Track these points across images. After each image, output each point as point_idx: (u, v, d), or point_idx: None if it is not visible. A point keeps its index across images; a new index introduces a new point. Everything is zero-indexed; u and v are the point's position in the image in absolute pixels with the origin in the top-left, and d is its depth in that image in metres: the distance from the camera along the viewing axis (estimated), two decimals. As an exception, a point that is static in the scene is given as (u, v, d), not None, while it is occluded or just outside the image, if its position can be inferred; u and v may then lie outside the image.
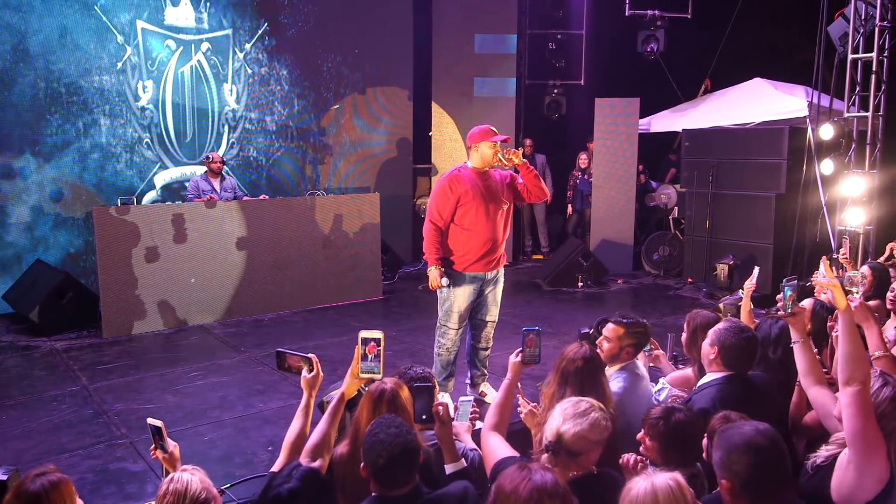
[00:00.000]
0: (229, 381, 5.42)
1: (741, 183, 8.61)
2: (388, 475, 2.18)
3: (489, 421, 2.80)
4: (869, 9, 7.65)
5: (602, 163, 9.92)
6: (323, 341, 6.57)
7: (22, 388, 5.35)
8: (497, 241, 4.62)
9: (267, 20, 9.10)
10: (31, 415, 4.79)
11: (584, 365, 2.94)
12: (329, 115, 9.80)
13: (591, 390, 2.84)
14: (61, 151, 7.77)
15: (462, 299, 4.63)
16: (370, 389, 2.71)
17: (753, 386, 3.09)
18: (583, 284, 8.86)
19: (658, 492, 1.90)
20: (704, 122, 9.64)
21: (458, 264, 4.59)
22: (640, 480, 1.97)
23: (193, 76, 8.63)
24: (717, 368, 3.09)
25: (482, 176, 4.58)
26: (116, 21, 7.98)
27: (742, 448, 1.98)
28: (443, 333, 4.72)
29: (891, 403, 2.37)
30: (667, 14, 10.13)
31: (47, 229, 7.76)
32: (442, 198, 4.54)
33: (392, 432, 2.20)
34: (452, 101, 10.32)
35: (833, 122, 7.97)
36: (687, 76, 11.08)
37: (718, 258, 8.48)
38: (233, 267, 7.24)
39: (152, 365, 5.88)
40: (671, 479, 1.96)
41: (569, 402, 2.46)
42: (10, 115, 7.44)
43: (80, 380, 5.47)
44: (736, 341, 3.02)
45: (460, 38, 10.21)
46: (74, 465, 4.02)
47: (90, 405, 4.94)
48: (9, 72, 7.37)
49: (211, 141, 8.84)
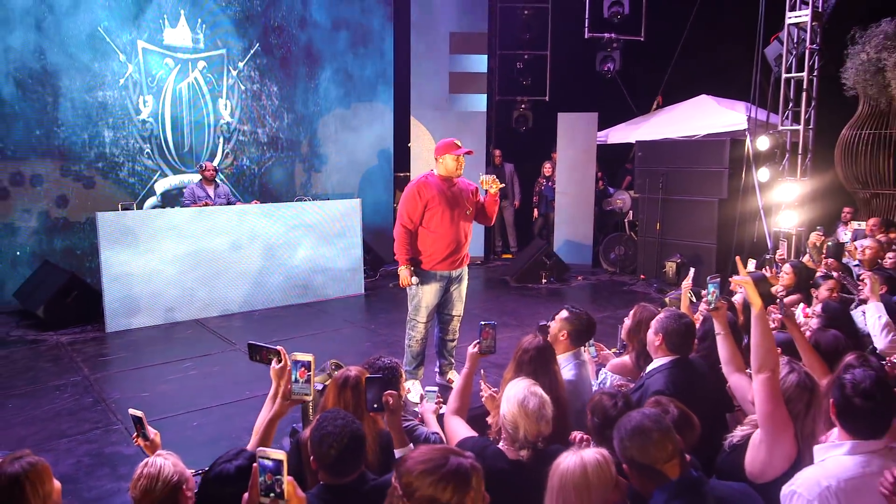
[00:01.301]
0: (219, 371, 5.39)
1: (688, 189, 8.67)
2: (336, 465, 2.12)
3: (451, 406, 2.80)
4: (800, 33, 7.76)
5: (564, 171, 9.98)
6: (308, 333, 6.56)
7: (27, 378, 5.29)
8: (461, 242, 4.62)
9: (258, 41, 9.04)
10: (35, 403, 4.74)
11: (537, 354, 2.93)
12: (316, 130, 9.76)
13: (544, 377, 2.84)
14: (68, 161, 7.68)
15: (430, 295, 4.63)
16: (336, 376, 2.70)
17: (696, 368, 3.12)
18: (546, 281, 8.89)
19: (587, 464, 1.91)
20: (656, 135, 9.69)
21: (425, 263, 4.60)
22: (569, 454, 1.96)
23: (190, 92, 8.56)
24: (663, 354, 3.10)
25: (448, 183, 4.59)
26: (119, 41, 7.90)
27: (631, 433, 1.97)
28: (412, 327, 4.71)
29: (797, 388, 2.39)
30: (622, 37, 10.18)
31: (55, 232, 7.67)
32: (411, 203, 4.54)
33: (339, 424, 2.15)
34: (429, 115, 10.29)
35: (769, 134, 8.07)
36: (641, 93, 11.15)
37: (667, 257, 8.56)
38: (226, 266, 7.16)
39: (149, 357, 5.82)
40: (598, 453, 1.96)
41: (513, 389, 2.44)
42: (21, 128, 7.36)
43: (82, 371, 5.41)
44: (677, 327, 3.05)
45: (436, 58, 10.18)
46: (72, 448, 3.99)
47: (90, 394, 4.90)
48: (21, 87, 7.28)
49: (207, 151, 8.75)
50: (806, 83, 7.70)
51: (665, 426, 1.99)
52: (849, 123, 9.29)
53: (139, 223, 6.63)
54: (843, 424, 2.08)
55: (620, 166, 11.45)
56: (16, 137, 7.32)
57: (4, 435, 4.21)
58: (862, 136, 9.08)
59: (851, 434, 2.06)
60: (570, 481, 1.88)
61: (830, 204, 9.19)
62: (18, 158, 7.35)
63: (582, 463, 1.90)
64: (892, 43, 8.41)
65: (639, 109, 11.09)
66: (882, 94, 8.70)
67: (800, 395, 2.37)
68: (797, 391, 2.37)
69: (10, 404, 4.72)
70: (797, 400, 2.36)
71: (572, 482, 1.88)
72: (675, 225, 8.85)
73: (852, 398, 2.03)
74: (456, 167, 4.52)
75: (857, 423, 2.04)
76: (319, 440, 2.13)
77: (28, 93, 7.35)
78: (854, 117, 9.26)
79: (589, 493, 1.87)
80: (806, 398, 2.38)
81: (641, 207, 9.32)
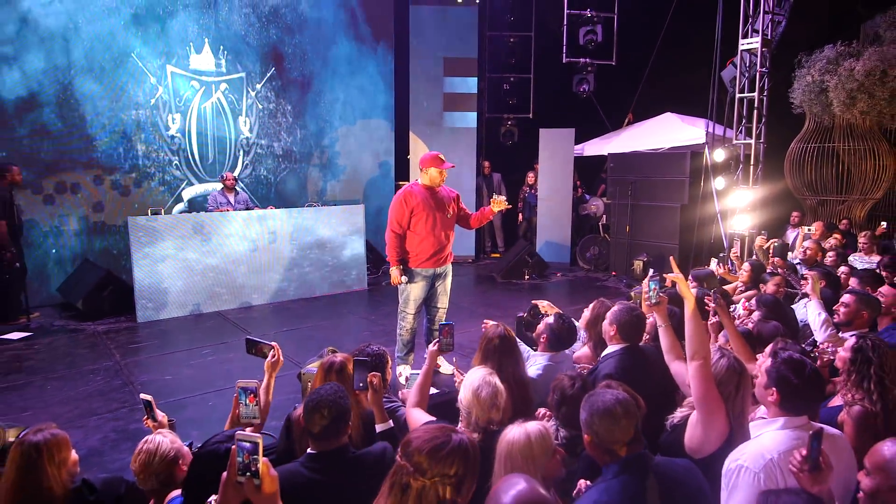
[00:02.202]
0: (234, 357, 5.38)
1: (653, 196, 8.68)
2: (324, 432, 2.11)
3: (412, 399, 2.72)
4: (752, 58, 7.76)
5: (545, 180, 9.98)
6: (316, 323, 6.57)
7: (66, 362, 5.31)
8: (443, 243, 4.63)
9: (274, 66, 9.03)
10: (72, 384, 4.77)
11: (500, 343, 2.92)
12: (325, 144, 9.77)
13: (508, 363, 2.85)
14: (106, 171, 7.68)
15: (417, 290, 4.65)
16: (323, 361, 2.71)
17: (645, 355, 3.13)
18: (529, 277, 8.89)
19: (531, 435, 1.94)
20: (626, 148, 9.69)
21: (412, 262, 4.61)
22: (515, 427, 1.98)
23: (214, 110, 8.55)
24: (616, 342, 3.11)
25: (431, 191, 4.60)
26: (150, 66, 7.90)
27: (601, 412, 1.95)
28: (402, 318, 4.73)
29: (727, 372, 2.40)
30: (596, 62, 10.17)
31: (94, 234, 7.67)
32: (399, 209, 4.56)
33: (330, 393, 2.15)
34: (426, 131, 10.29)
35: (724, 147, 8.07)
36: (614, 110, 11.15)
37: (635, 256, 8.56)
38: (243, 264, 7.18)
39: (174, 344, 5.85)
40: (540, 426, 1.98)
41: (471, 377, 2.42)
42: (64, 142, 7.36)
43: (114, 356, 5.43)
44: (628, 318, 3.07)
45: (432, 81, 10.18)
46: (101, 425, 4.00)
47: (120, 377, 4.91)
48: (62, 107, 7.30)
49: (228, 163, 8.74)
50: (757, 102, 7.69)
51: (632, 413, 1.97)
52: (797, 138, 9.31)
53: (166, 226, 6.64)
54: (780, 399, 2.08)
55: (597, 176, 11.45)
56: (59, 150, 7.32)
57: (43, 412, 4.23)
58: (808, 149, 9.10)
59: (785, 411, 2.08)
60: (516, 449, 1.92)
61: (781, 208, 9.20)
62: (61, 169, 7.35)
63: (527, 433, 1.93)
64: (834, 67, 8.44)
65: (612, 125, 11.09)
66: (825, 111, 8.73)
67: (730, 377, 2.38)
68: (728, 374, 2.38)
69: (49, 386, 4.75)
70: (728, 382, 2.37)
71: (518, 450, 1.91)
72: (642, 227, 8.86)
73: (789, 377, 2.06)
74: (439, 178, 4.53)
75: (792, 399, 2.06)
76: (312, 407, 2.12)
77: (71, 111, 7.35)
78: (801, 132, 9.28)
79: (533, 460, 1.90)
80: (735, 380, 2.38)
81: (613, 212, 9.33)
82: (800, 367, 2.11)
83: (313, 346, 5.46)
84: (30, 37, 7.00)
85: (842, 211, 9.09)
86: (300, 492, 2.03)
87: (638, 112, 10.79)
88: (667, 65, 10.08)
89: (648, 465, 1.92)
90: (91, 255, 7.54)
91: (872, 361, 2.59)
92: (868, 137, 8.65)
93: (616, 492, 1.83)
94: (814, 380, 2.11)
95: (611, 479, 1.88)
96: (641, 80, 10.34)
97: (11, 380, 4.88)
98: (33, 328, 6.31)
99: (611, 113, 11.13)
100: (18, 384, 4.79)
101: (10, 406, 4.37)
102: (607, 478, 1.90)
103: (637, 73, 10.36)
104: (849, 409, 2.58)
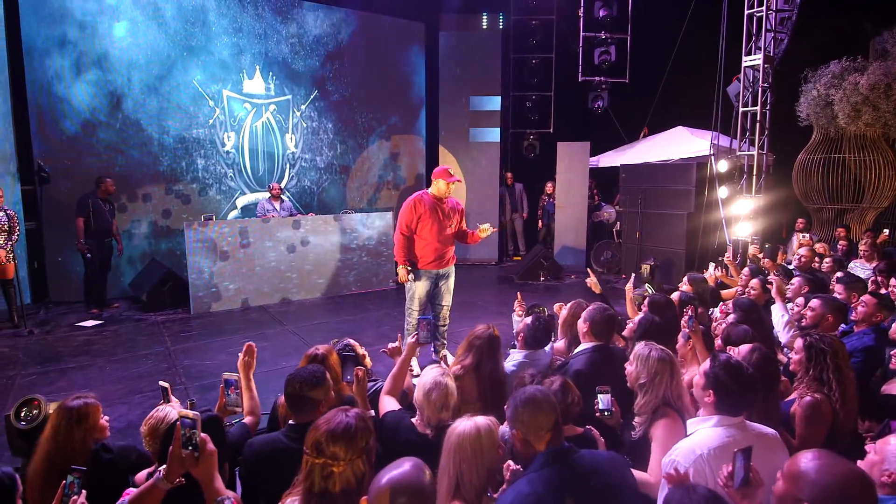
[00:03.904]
0: (268, 345, 5.51)
1: (662, 204, 8.44)
2: (298, 402, 2.14)
3: (385, 388, 2.67)
4: (755, 73, 7.45)
5: (562, 189, 9.84)
6: (343, 318, 6.67)
7: (126, 347, 5.57)
8: (446, 247, 4.64)
9: (317, 88, 9.25)
10: (126, 367, 5.00)
11: (486, 342, 2.86)
12: (363, 157, 9.92)
13: (489, 361, 2.81)
14: (170, 183, 8.03)
15: (422, 289, 4.67)
16: (308, 352, 2.75)
17: (613, 353, 3.06)
18: (544, 279, 8.78)
19: (480, 428, 1.88)
20: (638, 159, 9.46)
21: (418, 264, 4.63)
22: (464, 420, 1.93)
23: (264, 129, 8.82)
24: (589, 339, 3.05)
25: (438, 201, 4.61)
26: (208, 90, 8.22)
27: (523, 404, 1.89)
28: (409, 314, 4.76)
29: (658, 362, 2.33)
30: (610, 80, 9.96)
31: (161, 237, 8.02)
32: (408, 214, 4.58)
33: (305, 371, 2.21)
34: (455, 146, 10.32)
35: (727, 158, 7.77)
36: (628, 124, 10.90)
37: (643, 260, 8.32)
38: (284, 264, 7.36)
39: (218, 333, 6.04)
40: (489, 419, 1.93)
41: (425, 376, 2.39)
42: (136, 157, 7.73)
43: (166, 343, 5.66)
44: (600, 318, 3.01)
45: (459, 99, 10.21)
46: (142, 402, 4.18)
47: (167, 361, 5.12)
48: (132, 128, 7.67)
49: (276, 175, 9.00)
50: (759, 115, 7.37)
51: (552, 403, 1.91)
52: (804, 149, 8.87)
53: (216, 231, 6.88)
54: (716, 401, 2.02)
55: (615, 185, 11.20)
56: (132, 165, 7.69)
57: (100, 389, 4.42)
58: (815, 160, 8.66)
59: (718, 410, 2.02)
60: (465, 441, 1.86)
61: (787, 215, 8.78)
62: (133, 181, 7.72)
63: (476, 426, 1.88)
64: (839, 81, 8.00)
65: (628, 138, 10.84)
66: (831, 124, 8.29)
67: (662, 368, 2.33)
68: (660, 365, 2.33)
69: (108, 367, 5.00)
70: (662, 372, 2.33)
71: (468, 442, 1.86)
72: (651, 234, 8.62)
73: (721, 377, 2.01)
74: (447, 190, 4.54)
75: (727, 401, 2.00)
76: (288, 381, 2.18)
77: (141, 131, 7.72)
78: (809, 143, 8.84)
79: (482, 452, 1.85)
80: (668, 368, 2.34)
81: (625, 219, 9.12)
82: (736, 371, 2.03)
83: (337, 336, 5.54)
84: (110, 68, 7.39)
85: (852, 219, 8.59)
86: (276, 456, 2.10)
87: (653, 125, 10.51)
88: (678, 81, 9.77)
89: (571, 457, 1.85)
90: (158, 255, 7.88)
91: (826, 352, 2.49)
92: (876, 148, 8.15)
93: (539, 483, 1.77)
94: (749, 383, 2.03)
95: (536, 471, 1.81)
96: (656, 96, 10.05)
97: (79, 361, 5.16)
98: (105, 318, 6.63)
99: (628, 125, 10.87)
100: (84, 365, 5.06)
101: (73, 383, 4.63)
102: (533, 469, 1.84)
103: (649, 90, 10.09)
104: (800, 399, 2.47)
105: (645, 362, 2.34)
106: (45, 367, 5.01)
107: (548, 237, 10.58)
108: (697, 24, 8.99)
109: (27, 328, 6.00)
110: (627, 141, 10.80)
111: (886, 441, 1.79)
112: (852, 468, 1.48)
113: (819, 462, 1.47)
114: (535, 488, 1.78)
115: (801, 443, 2.38)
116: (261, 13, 8.59)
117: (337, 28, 9.36)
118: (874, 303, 3.30)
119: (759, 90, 7.28)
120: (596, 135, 10.20)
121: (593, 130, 10.44)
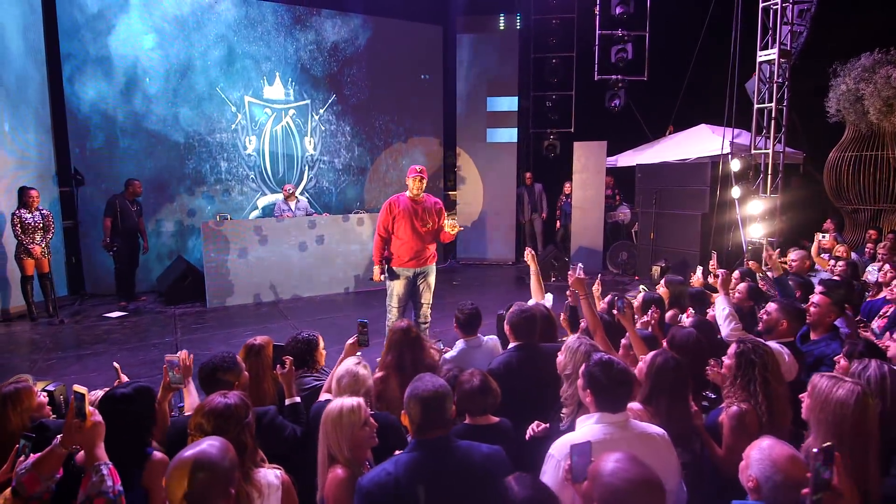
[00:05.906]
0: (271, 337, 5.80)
1: (676, 204, 8.28)
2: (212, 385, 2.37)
3: (325, 385, 2.79)
4: (771, 68, 7.19)
5: (578, 189, 9.76)
6: (347, 314, 6.92)
7: (139, 336, 6.01)
8: (422, 247, 4.78)
9: (335, 92, 9.58)
10: (135, 354, 5.42)
11: (401, 335, 2.95)
12: (380, 158, 10.18)
13: (407, 351, 2.90)
14: (195, 184, 8.54)
15: (399, 287, 4.84)
16: (247, 342, 2.97)
17: (538, 352, 3.09)
18: (554, 279, 8.77)
19: (343, 407, 2.07)
20: (656, 159, 9.25)
21: (395, 262, 4.82)
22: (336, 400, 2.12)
23: (283, 132, 9.23)
24: (513, 340, 3.14)
25: (414, 201, 4.76)
26: (231, 96, 8.69)
27: (414, 398, 1.95)
28: (389, 311, 4.93)
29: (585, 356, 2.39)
30: (628, 78, 9.80)
31: (187, 235, 8.54)
32: (384, 216, 4.77)
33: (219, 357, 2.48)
34: (471, 146, 10.43)
35: (740, 157, 7.52)
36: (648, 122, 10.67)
37: (653, 262, 8.19)
38: (295, 261, 7.68)
39: (226, 326, 6.39)
40: (354, 400, 2.11)
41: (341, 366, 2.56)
42: (163, 161, 8.27)
43: (176, 334, 6.07)
44: (517, 320, 3.04)
45: (476, 100, 10.31)
46: (138, 386, 4.55)
47: (172, 350, 5.49)
48: (160, 133, 8.21)
49: (295, 176, 9.39)
50: (775, 112, 7.09)
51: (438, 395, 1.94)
52: (836, 146, 8.44)
53: (231, 229, 7.29)
54: (594, 399, 2.09)
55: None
56: (159, 168, 8.23)
57: (105, 374, 4.79)
58: (846, 158, 8.23)
59: (598, 407, 2.08)
60: (328, 418, 2.06)
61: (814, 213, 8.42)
62: (161, 182, 8.26)
63: (340, 406, 2.07)
64: (870, 75, 7.59)
65: (652, 135, 10.61)
66: (861, 120, 7.88)
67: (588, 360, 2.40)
68: (586, 358, 2.38)
69: (118, 354, 5.41)
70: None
71: (330, 419, 2.06)
72: (666, 234, 8.46)
73: (595, 374, 2.07)
74: (414, 187, 4.67)
75: (603, 398, 2.06)
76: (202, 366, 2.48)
77: (167, 135, 8.25)
78: (840, 141, 8.41)
79: (342, 428, 2.03)
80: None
81: (640, 220, 8.97)
82: (608, 367, 2.08)
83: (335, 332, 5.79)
84: (138, 78, 7.97)
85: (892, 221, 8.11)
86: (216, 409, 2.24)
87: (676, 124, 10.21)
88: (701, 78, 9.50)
89: (442, 448, 1.91)
90: (184, 252, 8.39)
91: (756, 363, 2.47)
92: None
93: (401, 466, 1.86)
94: (619, 379, 2.08)
95: (406, 454, 1.92)
96: (680, 93, 9.78)
97: (95, 349, 5.64)
98: (130, 309, 7.14)
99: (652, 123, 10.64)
100: (98, 352, 5.53)
101: (85, 368, 5.08)
102: (405, 452, 1.95)
103: (668, 87, 9.85)
104: (727, 409, 2.48)
105: (573, 354, 2.42)
106: (66, 353, 5.51)
107: (565, 238, 10.50)
108: (718, 19, 8.72)
109: (59, 318, 6.58)
110: (653, 139, 10.56)
111: (752, 447, 1.82)
112: (646, 475, 1.51)
113: (617, 465, 1.53)
114: (396, 470, 1.90)
115: (727, 452, 2.37)
116: (280, 22, 9.00)
117: (354, 34, 9.66)
118: (828, 303, 3.23)
119: (775, 87, 7.01)
120: (617, 134, 10.05)
121: (615, 129, 10.29)
